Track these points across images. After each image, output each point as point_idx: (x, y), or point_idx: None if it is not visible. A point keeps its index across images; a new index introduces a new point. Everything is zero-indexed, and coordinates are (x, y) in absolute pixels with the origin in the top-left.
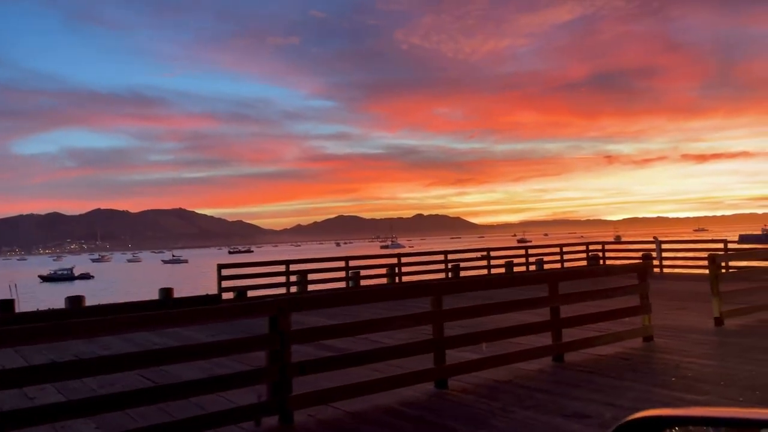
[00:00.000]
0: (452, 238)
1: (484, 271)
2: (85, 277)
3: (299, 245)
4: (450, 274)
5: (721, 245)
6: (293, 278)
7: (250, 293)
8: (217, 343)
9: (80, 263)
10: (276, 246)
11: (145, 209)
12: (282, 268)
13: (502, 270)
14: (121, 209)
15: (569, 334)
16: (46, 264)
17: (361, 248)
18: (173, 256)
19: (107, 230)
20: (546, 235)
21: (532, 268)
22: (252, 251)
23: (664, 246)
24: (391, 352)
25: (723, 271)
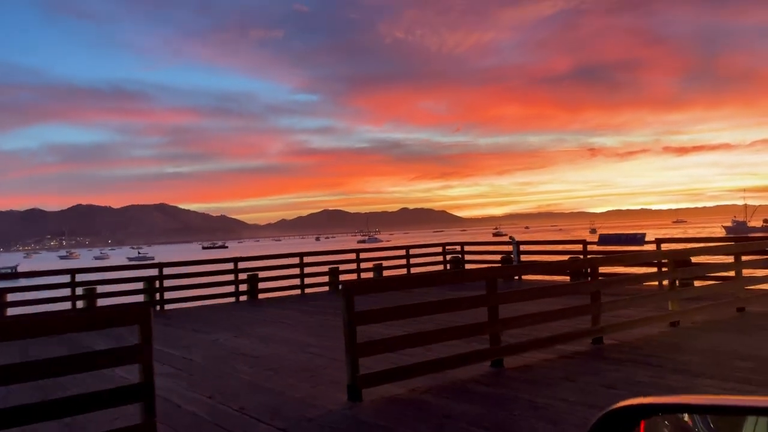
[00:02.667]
0: (435, 231)
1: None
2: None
3: (280, 240)
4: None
5: (580, 246)
6: None
7: None
8: None
9: (50, 260)
10: (258, 241)
11: (127, 205)
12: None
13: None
14: (102, 205)
15: None
16: (17, 261)
17: (343, 243)
18: (139, 253)
19: (88, 226)
20: (527, 228)
21: (369, 275)
22: (227, 247)
23: (523, 247)
24: None
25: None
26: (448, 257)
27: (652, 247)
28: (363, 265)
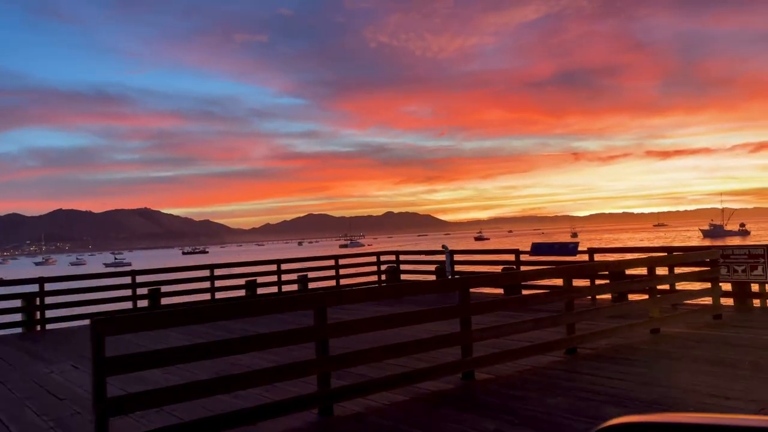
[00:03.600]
0: (419, 235)
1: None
2: None
3: (263, 245)
4: None
5: (512, 256)
6: None
7: None
8: None
9: (25, 267)
10: (240, 246)
11: (109, 209)
12: None
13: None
14: (83, 209)
15: None
16: None
17: (325, 248)
18: (116, 258)
19: (69, 231)
20: (510, 231)
21: (292, 288)
22: (207, 252)
23: (457, 257)
24: None
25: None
26: (383, 267)
27: (585, 257)
28: (286, 277)
